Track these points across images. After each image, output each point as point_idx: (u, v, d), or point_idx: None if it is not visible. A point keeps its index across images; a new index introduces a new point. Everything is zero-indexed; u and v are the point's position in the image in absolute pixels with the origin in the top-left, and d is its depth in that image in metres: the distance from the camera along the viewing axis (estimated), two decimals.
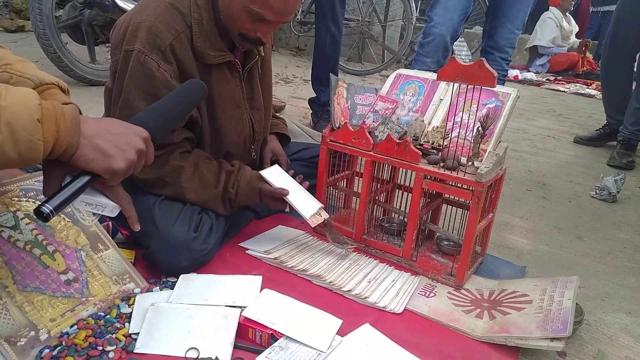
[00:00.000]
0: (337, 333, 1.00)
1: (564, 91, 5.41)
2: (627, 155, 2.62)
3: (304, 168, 1.59)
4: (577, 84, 5.86)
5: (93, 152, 0.74)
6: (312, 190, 1.36)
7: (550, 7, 6.45)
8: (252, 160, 1.43)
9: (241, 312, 1.01)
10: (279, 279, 1.19)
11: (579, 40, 6.49)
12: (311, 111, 2.70)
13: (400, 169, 1.42)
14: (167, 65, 1.14)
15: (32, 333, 0.89)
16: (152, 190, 1.22)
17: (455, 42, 2.20)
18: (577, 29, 6.78)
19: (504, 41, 2.11)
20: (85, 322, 0.95)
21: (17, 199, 1.05)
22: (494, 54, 2.11)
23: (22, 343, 0.87)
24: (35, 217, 0.73)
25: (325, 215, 1.31)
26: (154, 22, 1.13)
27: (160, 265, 1.15)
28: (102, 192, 0.82)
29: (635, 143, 2.68)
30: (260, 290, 1.11)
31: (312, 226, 1.29)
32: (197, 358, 0.90)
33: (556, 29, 6.31)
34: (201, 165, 1.23)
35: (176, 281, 1.12)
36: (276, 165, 1.36)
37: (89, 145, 0.74)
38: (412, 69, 2.16)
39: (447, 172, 1.18)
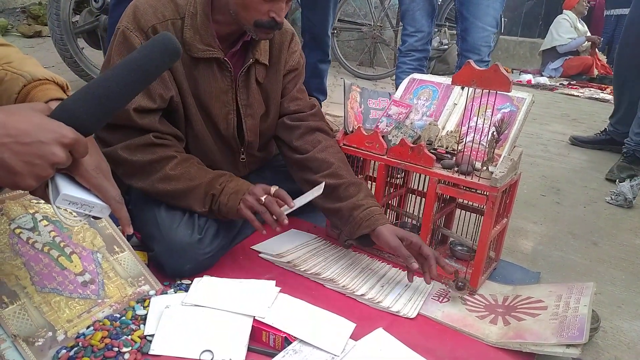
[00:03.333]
0: (351, 337, 1.00)
1: (577, 96, 5.36)
2: (628, 169, 2.39)
3: None
4: (592, 89, 5.81)
5: None
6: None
7: (564, 10, 6.41)
8: (242, 163, 1.40)
9: (255, 315, 1.02)
10: (292, 282, 1.20)
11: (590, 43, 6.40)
12: None
13: (414, 174, 1.42)
14: None
15: (50, 333, 0.90)
16: (128, 179, 1.19)
17: None
18: (589, 33, 6.72)
19: (478, 41, 2.08)
20: (101, 323, 0.96)
21: (35, 201, 1.07)
22: (470, 57, 2.08)
23: (40, 343, 0.88)
24: None
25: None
26: (143, 5, 1.17)
27: (164, 268, 1.16)
28: (88, 190, 0.73)
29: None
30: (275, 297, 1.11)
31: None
32: None
33: (571, 29, 6.26)
34: (192, 160, 1.22)
35: (190, 284, 1.13)
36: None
37: None
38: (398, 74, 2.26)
39: (462, 177, 1.18)
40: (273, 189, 1.19)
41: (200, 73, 1.22)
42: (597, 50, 6.41)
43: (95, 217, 0.76)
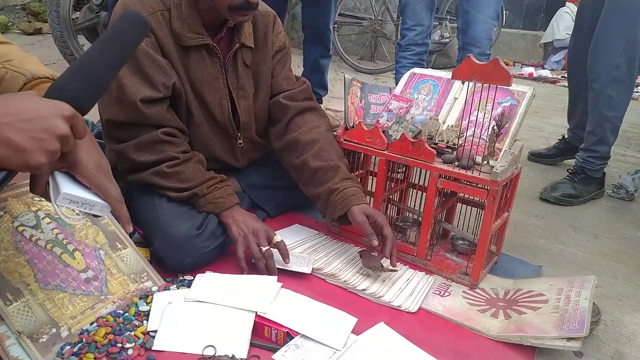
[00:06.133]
0: (352, 331, 1.01)
1: None
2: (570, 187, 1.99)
3: None
4: None
5: (3, 148, 0.62)
6: None
7: (566, 3, 6.37)
8: (239, 148, 1.43)
9: (257, 310, 1.02)
10: (294, 277, 1.20)
11: None
12: None
13: (415, 168, 1.42)
14: (145, 38, 1.19)
15: (54, 330, 0.91)
16: (128, 175, 1.25)
17: None
18: None
19: (480, 34, 2.07)
20: (104, 319, 0.97)
21: (37, 198, 1.08)
22: (472, 51, 2.06)
23: (44, 340, 0.89)
24: None
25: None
26: (130, 1, 1.21)
27: (165, 263, 1.17)
28: (88, 188, 0.74)
29: (591, 174, 2.02)
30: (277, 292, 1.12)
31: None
32: (214, 355, 0.92)
33: (572, 23, 6.22)
34: (191, 160, 1.24)
35: (192, 280, 1.14)
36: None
37: None
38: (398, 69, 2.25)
39: (462, 171, 1.18)
40: (277, 238, 1.21)
41: (192, 61, 1.27)
42: None
43: (95, 216, 0.77)
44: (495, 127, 1.15)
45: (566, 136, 2.44)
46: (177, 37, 1.23)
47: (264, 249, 1.19)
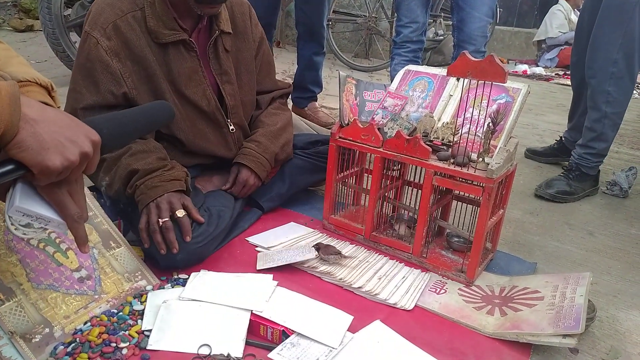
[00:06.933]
0: (348, 329, 1.01)
1: None
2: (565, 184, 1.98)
3: (315, 162, 1.61)
4: None
5: (30, 139, 0.63)
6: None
7: (559, 0, 6.39)
8: (231, 134, 1.44)
9: (252, 309, 1.02)
10: (290, 276, 1.20)
11: None
12: None
13: (410, 166, 1.42)
14: (106, 42, 1.20)
15: (47, 330, 0.90)
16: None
17: None
18: None
19: (474, 31, 2.07)
20: (98, 319, 0.96)
21: None
22: (467, 48, 2.05)
23: (37, 340, 0.88)
24: None
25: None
26: (101, 4, 1.23)
27: (157, 259, 1.15)
28: (48, 202, 0.70)
29: (586, 171, 2.00)
30: (272, 290, 1.11)
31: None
32: (209, 354, 0.91)
33: (565, 21, 6.24)
34: (124, 152, 1.19)
35: (187, 278, 1.13)
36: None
37: (28, 131, 0.63)
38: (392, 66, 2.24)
39: (458, 169, 1.18)
40: (179, 213, 1.14)
41: (171, 57, 1.27)
42: None
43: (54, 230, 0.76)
44: (490, 124, 1.15)
45: (563, 137, 2.40)
46: (154, 34, 1.24)
47: (161, 221, 1.12)
